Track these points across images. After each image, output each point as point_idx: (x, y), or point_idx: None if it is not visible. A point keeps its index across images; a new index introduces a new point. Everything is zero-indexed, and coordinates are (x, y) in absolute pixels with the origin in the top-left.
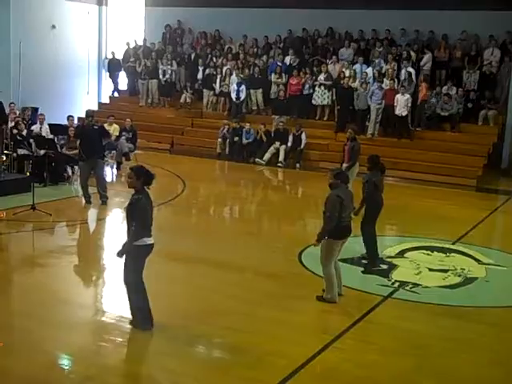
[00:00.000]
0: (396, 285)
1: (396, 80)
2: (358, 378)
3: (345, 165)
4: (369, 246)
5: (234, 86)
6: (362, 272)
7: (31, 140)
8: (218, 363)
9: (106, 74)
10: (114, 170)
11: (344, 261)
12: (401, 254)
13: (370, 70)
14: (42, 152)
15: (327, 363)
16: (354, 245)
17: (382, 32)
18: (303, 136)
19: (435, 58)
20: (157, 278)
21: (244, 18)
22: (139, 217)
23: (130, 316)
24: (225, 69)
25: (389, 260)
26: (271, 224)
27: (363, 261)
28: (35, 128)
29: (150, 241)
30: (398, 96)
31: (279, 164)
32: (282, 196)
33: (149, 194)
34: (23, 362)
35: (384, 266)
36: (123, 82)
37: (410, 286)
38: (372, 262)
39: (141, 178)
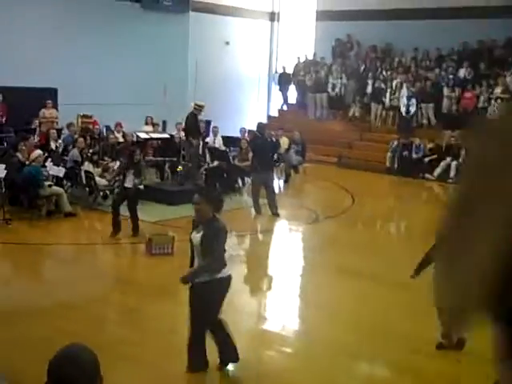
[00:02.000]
0: None
1: None
2: None
3: None
4: None
5: (403, 100)
6: None
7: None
8: (382, 381)
9: (275, 88)
10: (283, 183)
11: None
12: None
13: None
14: (216, 163)
15: None
16: None
17: None
18: None
19: None
20: (326, 291)
21: (415, 30)
22: (218, 248)
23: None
24: (395, 82)
25: None
26: None
27: None
28: (209, 140)
29: (227, 272)
30: None
31: (450, 180)
32: None
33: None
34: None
35: None
36: (292, 95)
37: None
38: None
39: (212, 204)
